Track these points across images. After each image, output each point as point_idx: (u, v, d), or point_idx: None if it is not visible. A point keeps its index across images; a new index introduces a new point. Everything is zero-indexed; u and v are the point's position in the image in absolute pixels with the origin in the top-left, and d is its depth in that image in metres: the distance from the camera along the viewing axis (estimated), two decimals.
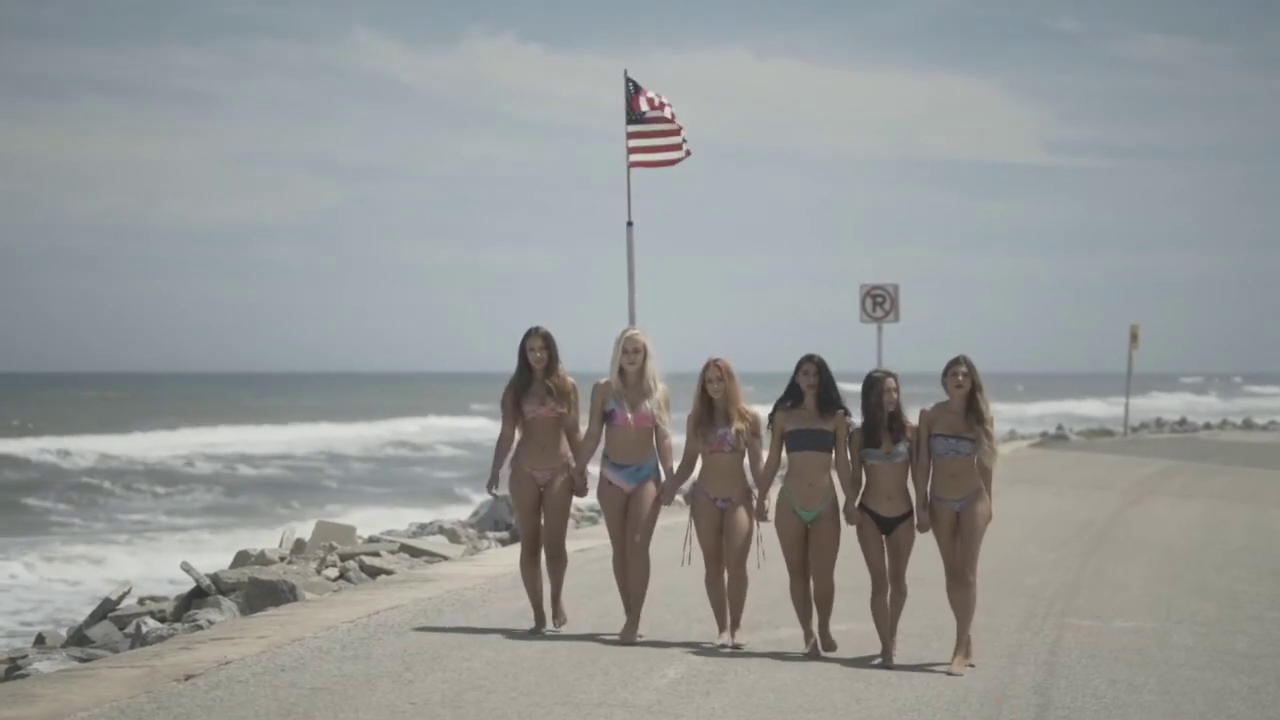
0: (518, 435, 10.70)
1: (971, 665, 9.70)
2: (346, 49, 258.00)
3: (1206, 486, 25.98)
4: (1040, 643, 10.76)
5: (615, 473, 10.48)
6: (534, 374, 10.60)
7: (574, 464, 10.64)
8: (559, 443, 10.63)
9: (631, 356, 10.43)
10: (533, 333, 10.63)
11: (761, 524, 10.20)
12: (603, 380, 10.48)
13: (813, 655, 9.98)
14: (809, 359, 10.02)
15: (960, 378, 9.76)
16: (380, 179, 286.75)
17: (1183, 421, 58.66)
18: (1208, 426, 56.05)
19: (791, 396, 10.00)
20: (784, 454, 10.03)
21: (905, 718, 8.52)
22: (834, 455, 9.96)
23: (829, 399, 9.95)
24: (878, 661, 9.79)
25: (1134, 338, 41.96)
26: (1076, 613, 12.11)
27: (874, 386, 9.77)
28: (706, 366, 10.22)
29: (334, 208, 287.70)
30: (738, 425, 10.13)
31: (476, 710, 8.40)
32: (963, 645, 9.74)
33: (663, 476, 10.51)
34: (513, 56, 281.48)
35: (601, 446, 10.56)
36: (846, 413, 9.94)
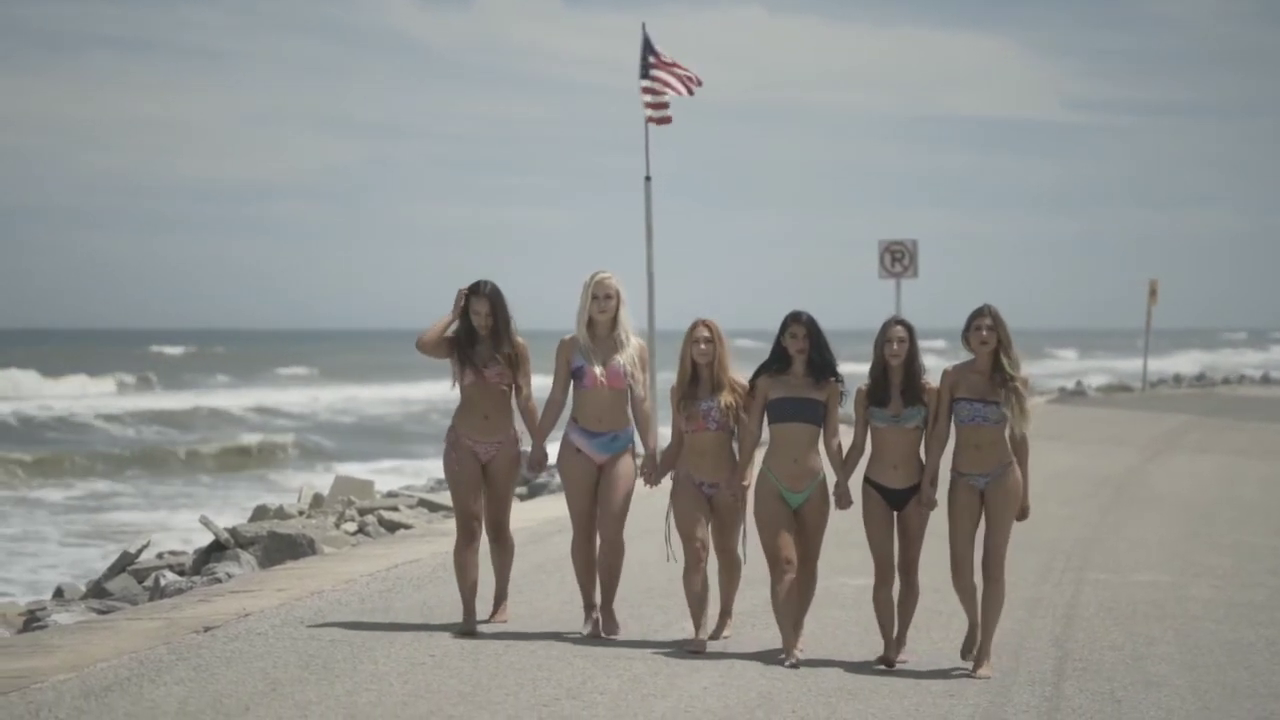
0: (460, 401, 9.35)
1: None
2: (360, 5, 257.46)
3: (1224, 441, 25.91)
4: (1058, 596, 10.76)
5: (584, 439, 9.08)
6: (478, 333, 9.23)
7: (523, 438, 9.36)
8: (506, 413, 9.28)
9: (603, 303, 9.04)
10: (478, 292, 9.23)
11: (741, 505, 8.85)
12: (568, 336, 9.13)
13: (793, 661, 8.52)
14: (796, 318, 8.60)
15: (985, 332, 8.39)
16: (394, 137, 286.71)
17: (1201, 377, 58.51)
18: (1226, 381, 55.88)
19: (777, 361, 8.64)
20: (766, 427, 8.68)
21: (925, 667, 8.52)
22: (823, 428, 8.59)
23: (821, 364, 8.59)
24: (878, 664, 8.61)
25: (1153, 293, 41.66)
26: (1094, 566, 12.10)
27: (880, 334, 8.51)
28: (693, 327, 8.83)
29: (348, 166, 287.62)
30: (725, 398, 8.74)
31: (495, 662, 8.42)
32: (988, 646, 8.49)
33: (639, 448, 9.17)
34: (528, 13, 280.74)
35: (567, 412, 9.25)
36: (839, 380, 8.63)
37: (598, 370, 9.03)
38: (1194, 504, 16.69)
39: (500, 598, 9.58)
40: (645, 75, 18.58)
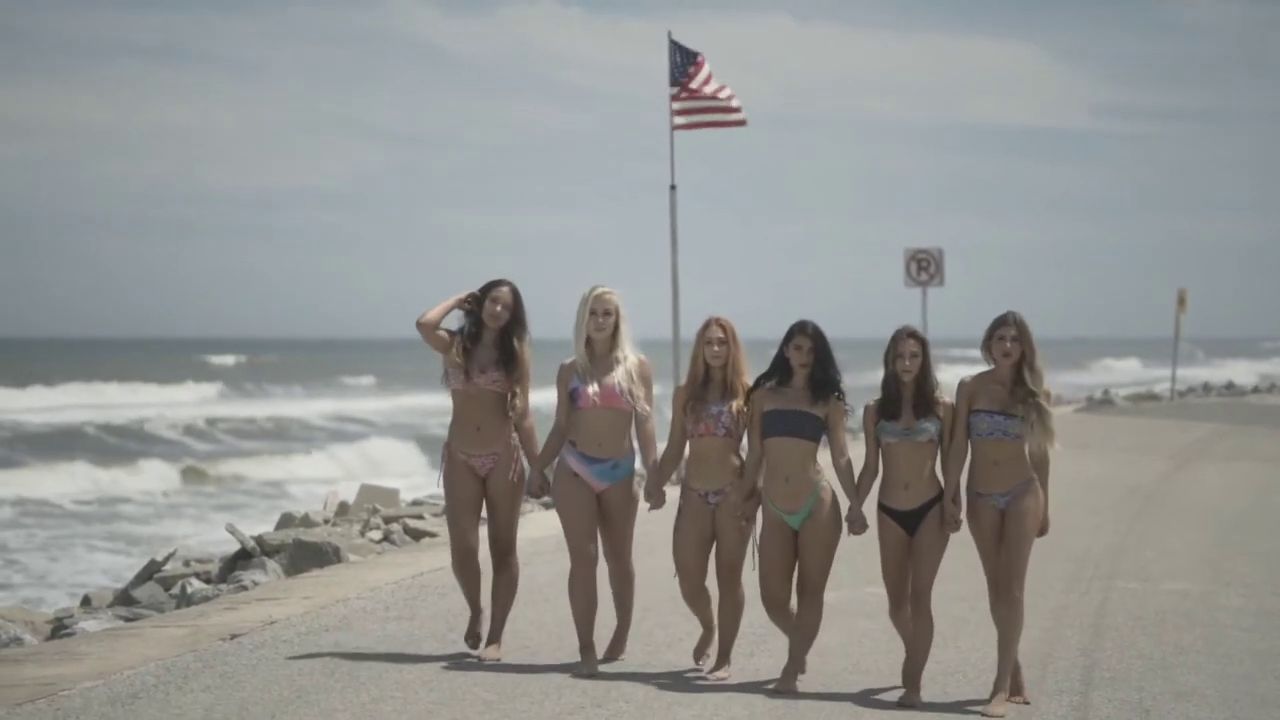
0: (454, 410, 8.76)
1: (1025, 702, 7.93)
2: (384, 14, 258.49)
3: (1254, 450, 25.77)
4: (1086, 605, 10.70)
5: (582, 464, 8.41)
6: (484, 333, 8.62)
7: (525, 452, 8.70)
8: (500, 422, 8.60)
9: (600, 320, 8.38)
10: (500, 284, 8.64)
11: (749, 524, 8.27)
12: (567, 360, 8.46)
13: (779, 691, 8.05)
14: (801, 329, 8.03)
15: (1008, 343, 7.84)
16: (419, 145, 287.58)
17: (1230, 385, 58.27)
18: (1256, 390, 55.63)
19: (777, 373, 8.09)
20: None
21: (952, 679, 8.47)
22: (830, 447, 8.06)
23: (824, 380, 8.02)
24: (900, 697, 8.04)
25: (1181, 302, 41.51)
26: (1123, 575, 12.04)
27: (891, 346, 7.94)
28: (706, 326, 8.23)
29: (372, 174, 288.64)
30: (737, 403, 8.15)
31: (520, 670, 8.41)
32: (1004, 679, 7.87)
33: (641, 471, 8.52)
34: (552, 21, 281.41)
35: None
36: (841, 396, 8.07)
37: (591, 390, 8.36)
38: (1224, 512, 16.60)
39: (495, 634, 8.75)
40: (675, 83, 18.59)
